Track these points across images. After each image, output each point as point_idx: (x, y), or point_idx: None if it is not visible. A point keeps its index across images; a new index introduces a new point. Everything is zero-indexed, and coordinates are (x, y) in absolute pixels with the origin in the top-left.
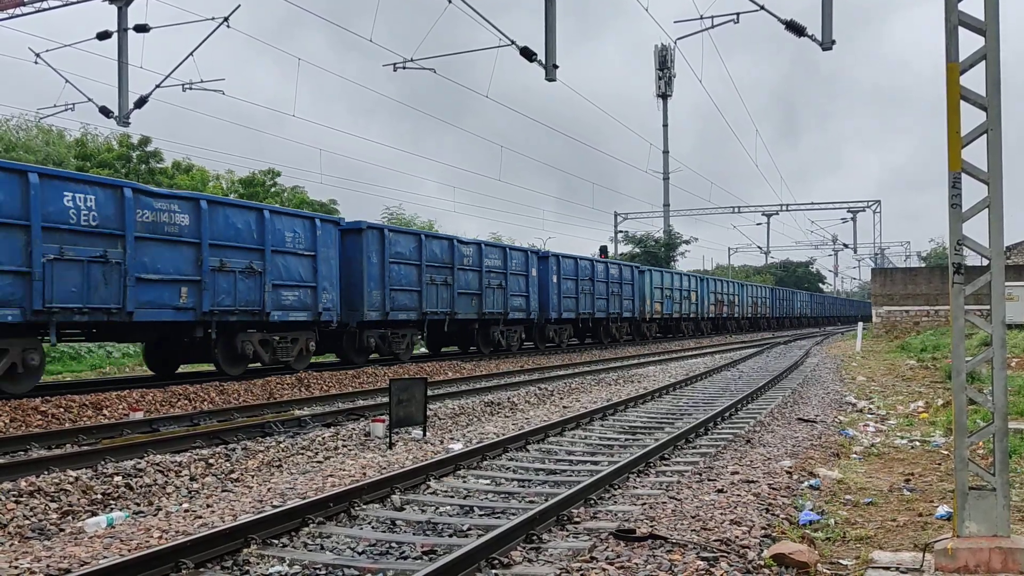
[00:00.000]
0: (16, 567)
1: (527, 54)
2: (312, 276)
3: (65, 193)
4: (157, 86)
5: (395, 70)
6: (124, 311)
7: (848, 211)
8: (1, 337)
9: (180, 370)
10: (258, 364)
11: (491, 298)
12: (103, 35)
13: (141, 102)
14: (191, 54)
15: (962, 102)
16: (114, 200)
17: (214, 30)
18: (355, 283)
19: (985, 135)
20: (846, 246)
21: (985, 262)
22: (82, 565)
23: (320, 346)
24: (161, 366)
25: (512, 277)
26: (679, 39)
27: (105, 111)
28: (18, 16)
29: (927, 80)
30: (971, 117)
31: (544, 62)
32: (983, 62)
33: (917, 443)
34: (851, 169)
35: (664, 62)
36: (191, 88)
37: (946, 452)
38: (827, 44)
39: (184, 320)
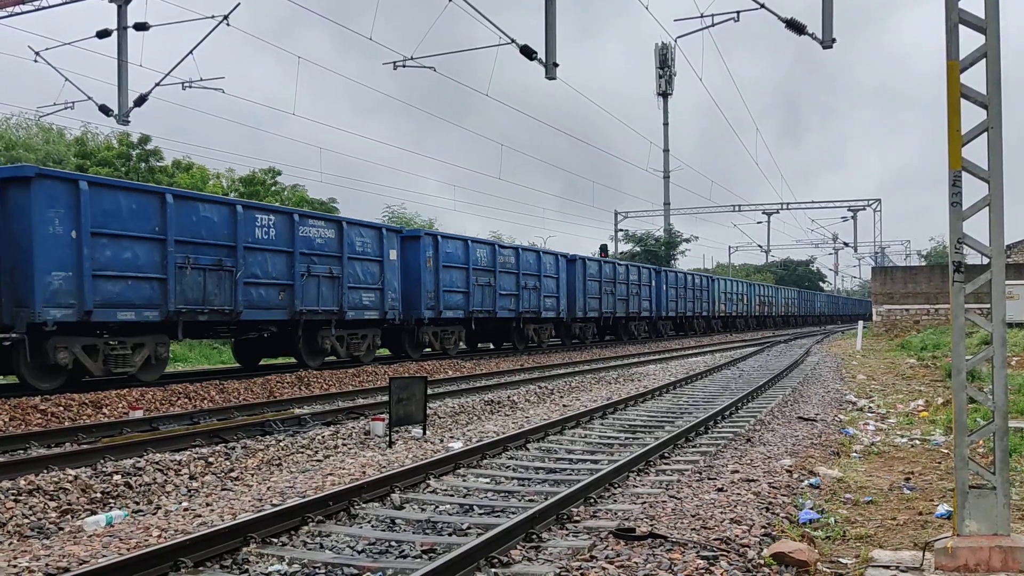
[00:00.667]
0: (15, 566)
1: (527, 52)
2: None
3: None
4: (157, 84)
5: (395, 68)
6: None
7: (848, 210)
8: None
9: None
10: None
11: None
12: (103, 33)
13: (141, 100)
14: (191, 52)
15: (963, 100)
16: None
17: (214, 28)
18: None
19: (986, 133)
20: (846, 245)
21: (985, 260)
22: (81, 564)
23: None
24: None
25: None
26: (679, 37)
27: (105, 109)
28: (17, 14)
29: (929, 78)
30: (972, 115)
31: (544, 60)
32: (983, 60)
33: (917, 442)
34: (853, 167)
35: (664, 60)
36: (191, 86)
37: (946, 451)
38: (827, 43)
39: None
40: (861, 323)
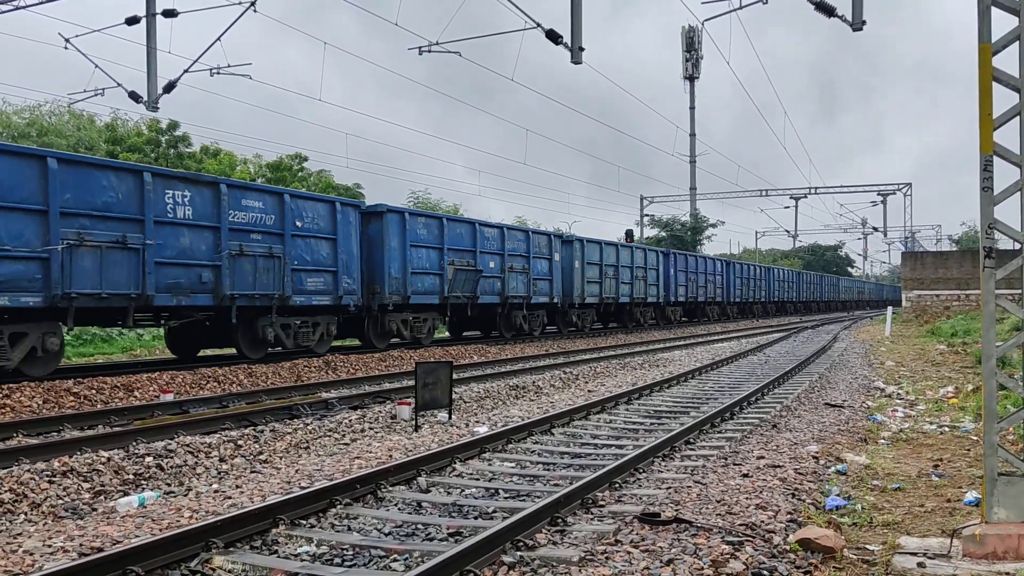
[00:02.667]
0: (50, 546)
1: (553, 37)
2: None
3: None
4: (185, 71)
5: (420, 53)
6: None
7: (878, 194)
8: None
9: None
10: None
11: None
12: (132, 20)
13: (170, 87)
14: (219, 39)
15: (995, 84)
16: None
17: (241, 14)
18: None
19: (1018, 117)
20: (876, 230)
21: (1017, 246)
22: (114, 544)
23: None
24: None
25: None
26: (706, 20)
27: (134, 96)
28: (48, 2)
29: (971, 54)
30: (1004, 99)
31: (570, 45)
32: (1016, 43)
33: (946, 429)
34: (890, 149)
35: (691, 44)
36: (219, 73)
37: (975, 438)
38: (857, 24)
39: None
40: (890, 309)
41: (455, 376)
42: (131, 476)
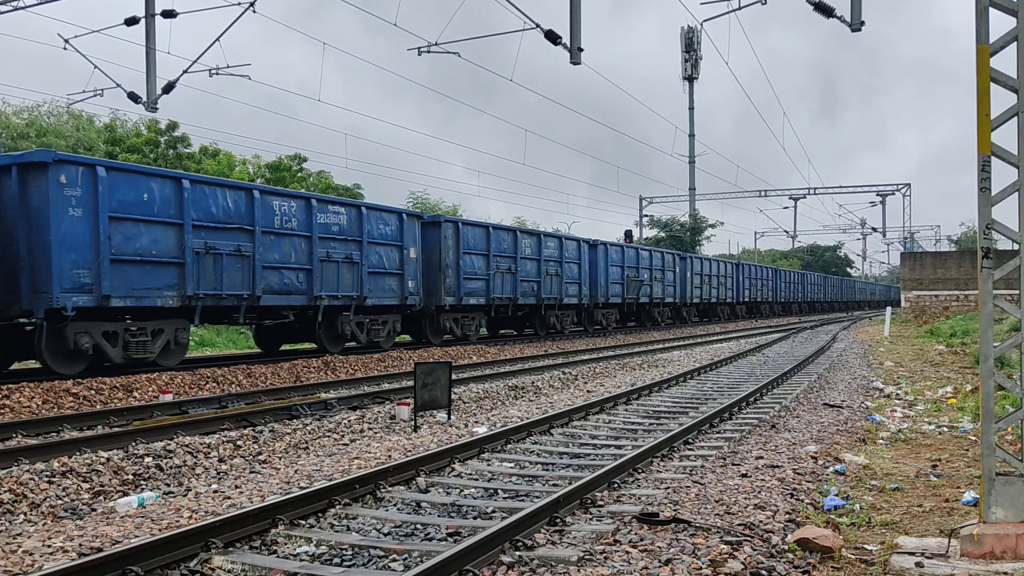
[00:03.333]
0: (49, 546)
1: (552, 37)
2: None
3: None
4: (185, 71)
5: (419, 54)
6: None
7: (877, 195)
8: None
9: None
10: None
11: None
12: (131, 21)
13: (169, 87)
14: (218, 39)
15: (992, 84)
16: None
17: (240, 15)
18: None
19: (1016, 118)
20: (875, 230)
21: (1015, 246)
22: (114, 544)
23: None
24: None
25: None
26: (705, 21)
27: (133, 96)
28: (47, 2)
29: (971, 55)
30: (1002, 100)
31: (569, 45)
32: (1014, 43)
33: (945, 429)
34: (892, 148)
35: (690, 44)
36: (218, 73)
37: (974, 438)
38: (856, 25)
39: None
40: (889, 309)
41: (454, 377)
42: (130, 476)
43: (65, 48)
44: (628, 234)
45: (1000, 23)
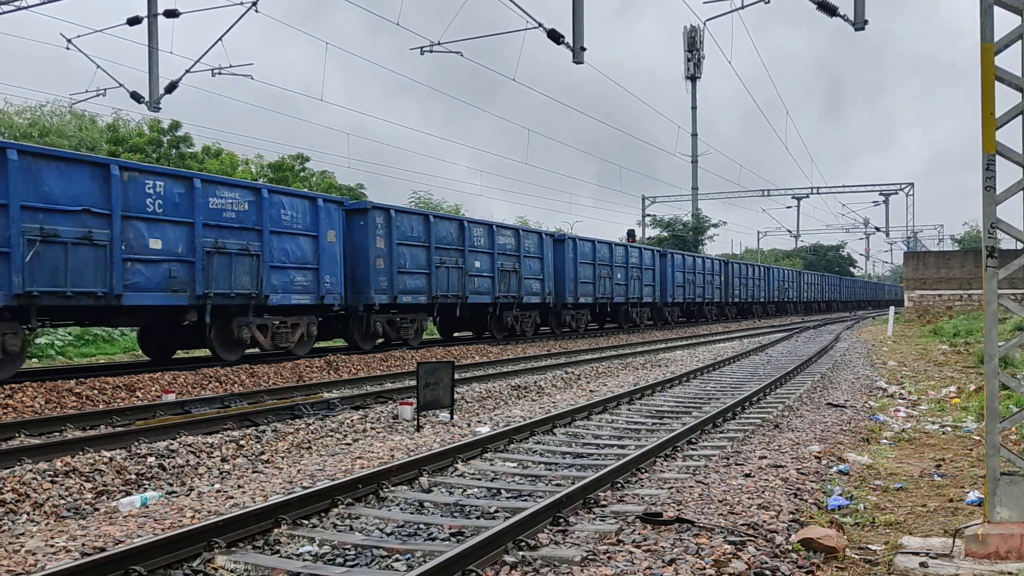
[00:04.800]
0: (52, 545)
1: (554, 36)
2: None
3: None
4: (187, 71)
5: (422, 54)
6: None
7: (880, 194)
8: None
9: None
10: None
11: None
12: (133, 20)
13: (171, 87)
14: (220, 39)
15: (997, 83)
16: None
17: (243, 15)
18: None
19: (1020, 117)
20: (878, 229)
21: (1019, 246)
22: (116, 543)
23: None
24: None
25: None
26: (708, 20)
27: (136, 96)
28: (50, 2)
29: (977, 52)
30: (1007, 98)
31: (572, 45)
32: (1019, 42)
33: (948, 428)
34: (897, 146)
35: (693, 43)
36: (220, 73)
37: (978, 438)
38: (859, 24)
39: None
40: (892, 309)
41: (457, 376)
42: (133, 476)
43: (68, 48)
44: (631, 233)
45: (1005, 21)
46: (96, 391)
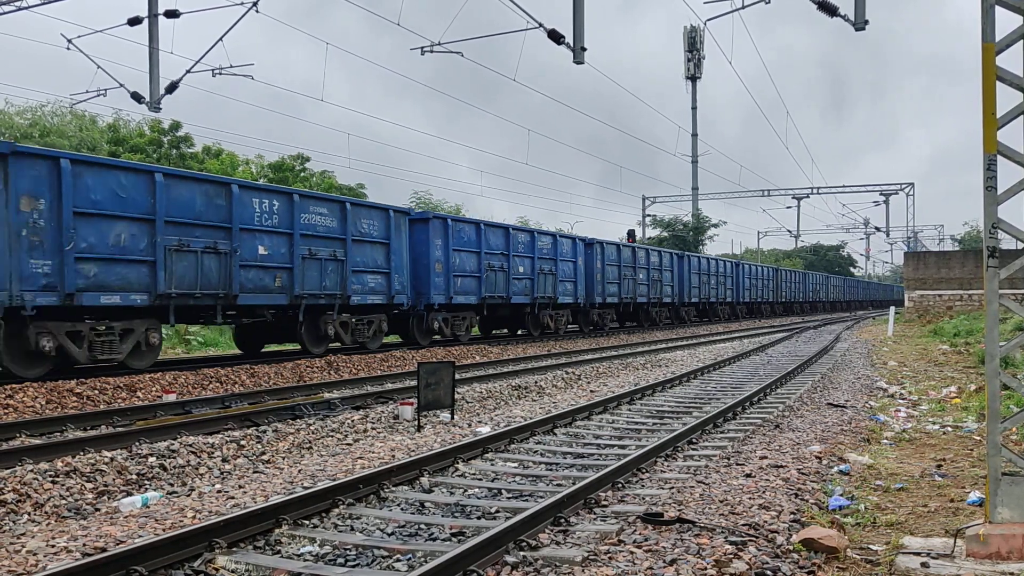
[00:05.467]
0: (53, 546)
1: (555, 37)
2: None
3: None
4: (188, 71)
5: (422, 54)
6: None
7: (881, 194)
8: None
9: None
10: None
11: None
12: (134, 21)
13: (172, 87)
14: (221, 39)
15: (998, 83)
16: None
17: (243, 15)
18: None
19: (1021, 116)
20: (878, 229)
21: (1020, 246)
22: (118, 544)
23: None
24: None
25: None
26: (709, 20)
27: (137, 96)
28: (50, 2)
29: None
30: (1009, 98)
31: (572, 45)
32: (1020, 42)
33: (949, 429)
34: (901, 146)
35: (693, 43)
36: (221, 73)
37: (978, 438)
38: (860, 24)
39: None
40: (892, 309)
41: (457, 376)
42: (134, 476)
43: (68, 48)
44: (631, 233)
45: (1006, 21)
46: (97, 391)
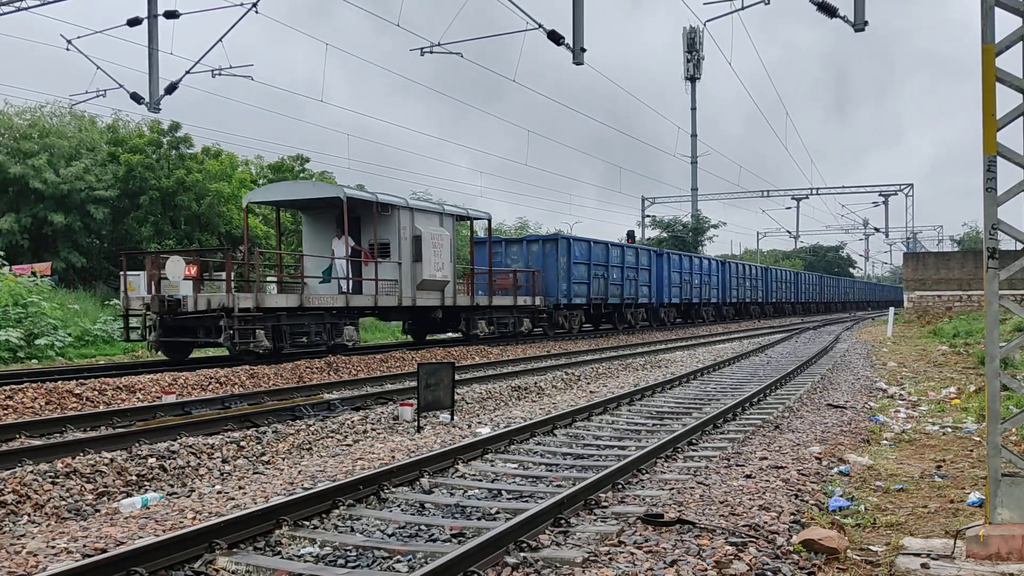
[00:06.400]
0: (53, 547)
1: (554, 37)
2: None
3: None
4: (187, 72)
5: (422, 55)
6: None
7: (880, 195)
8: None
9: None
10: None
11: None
12: (133, 21)
13: (171, 88)
14: (220, 40)
15: (998, 84)
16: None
17: (243, 16)
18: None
19: (1021, 118)
20: (877, 230)
21: (1020, 246)
22: (118, 545)
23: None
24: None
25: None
26: (708, 21)
27: (136, 97)
28: (50, 3)
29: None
30: (1009, 100)
31: (572, 46)
32: (1020, 43)
33: (949, 429)
34: (902, 146)
35: (692, 44)
36: (220, 74)
37: (978, 438)
38: (859, 25)
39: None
40: (892, 310)
41: (457, 377)
42: (134, 477)
43: (68, 49)
44: (630, 234)
45: (1006, 23)
46: (97, 392)
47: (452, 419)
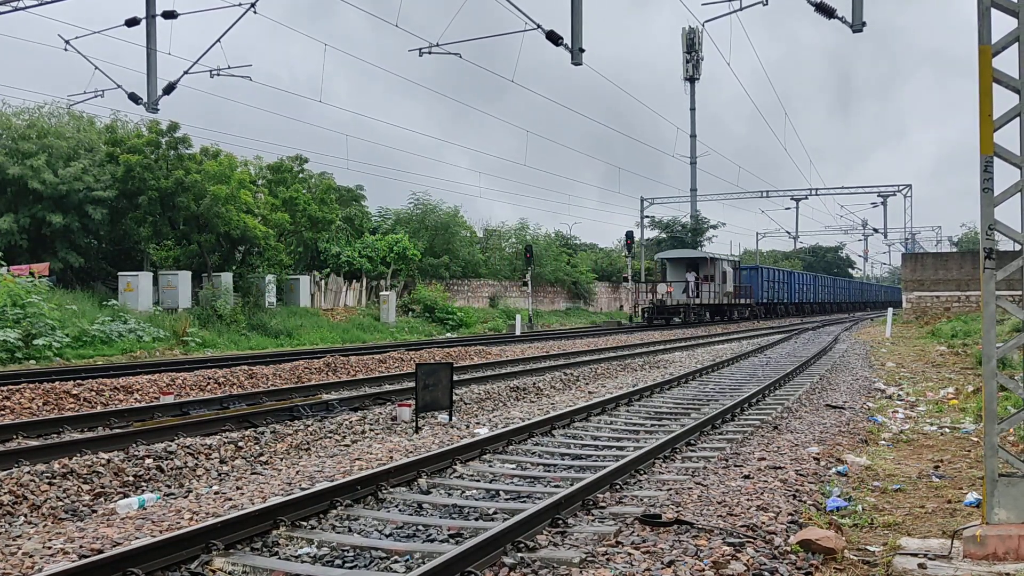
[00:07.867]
0: (50, 547)
1: (553, 38)
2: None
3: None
4: (185, 72)
5: (420, 55)
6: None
7: (879, 196)
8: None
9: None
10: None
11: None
12: (132, 22)
13: (170, 88)
14: (219, 40)
15: (995, 85)
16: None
17: (241, 16)
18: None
19: (1018, 118)
20: (876, 231)
21: (1017, 247)
22: (114, 545)
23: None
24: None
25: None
26: (707, 21)
27: (134, 97)
28: (48, 3)
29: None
30: (1005, 100)
31: (570, 46)
32: (1016, 44)
33: (947, 430)
34: (901, 146)
35: (692, 45)
36: (219, 74)
37: (976, 439)
38: (857, 26)
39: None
40: (890, 310)
41: (456, 378)
42: (131, 478)
43: (66, 49)
44: (629, 235)
45: (1002, 23)
46: (94, 393)
47: (450, 419)
